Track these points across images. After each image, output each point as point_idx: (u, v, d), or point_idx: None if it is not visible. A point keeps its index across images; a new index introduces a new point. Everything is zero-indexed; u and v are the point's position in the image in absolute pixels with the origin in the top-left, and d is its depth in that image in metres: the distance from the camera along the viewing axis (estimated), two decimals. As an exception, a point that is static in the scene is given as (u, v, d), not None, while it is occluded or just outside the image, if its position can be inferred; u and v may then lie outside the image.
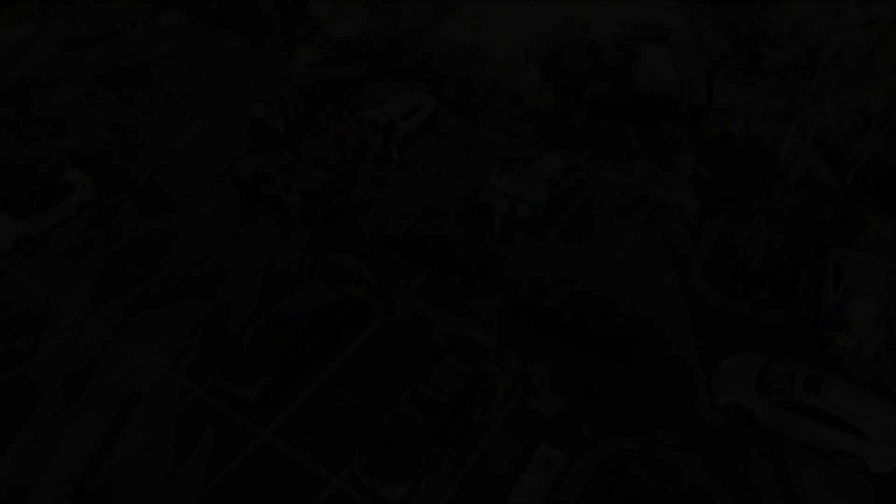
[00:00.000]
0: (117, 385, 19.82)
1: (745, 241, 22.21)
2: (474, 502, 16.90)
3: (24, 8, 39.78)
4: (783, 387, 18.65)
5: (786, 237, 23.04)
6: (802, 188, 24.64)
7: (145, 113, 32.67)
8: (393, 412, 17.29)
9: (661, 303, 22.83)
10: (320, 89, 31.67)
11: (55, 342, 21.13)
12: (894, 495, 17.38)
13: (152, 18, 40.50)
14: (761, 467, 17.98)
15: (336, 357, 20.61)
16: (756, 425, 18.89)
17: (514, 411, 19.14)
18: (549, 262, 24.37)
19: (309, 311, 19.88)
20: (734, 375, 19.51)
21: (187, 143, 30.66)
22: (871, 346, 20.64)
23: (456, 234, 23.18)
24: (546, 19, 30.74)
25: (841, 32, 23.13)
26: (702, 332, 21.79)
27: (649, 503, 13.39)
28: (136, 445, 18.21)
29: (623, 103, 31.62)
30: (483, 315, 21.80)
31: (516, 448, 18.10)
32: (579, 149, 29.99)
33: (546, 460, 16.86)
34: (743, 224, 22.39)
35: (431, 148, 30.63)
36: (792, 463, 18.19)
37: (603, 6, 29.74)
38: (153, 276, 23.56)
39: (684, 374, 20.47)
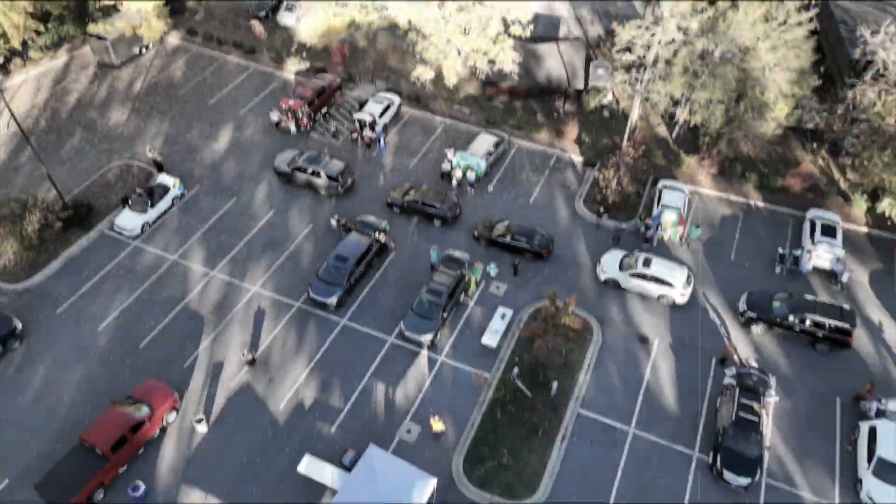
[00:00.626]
0: (247, 306, 33.22)
1: (604, 182, 37.27)
2: (464, 340, 31.70)
3: (47, 39, 48.54)
4: (632, 265, 33.98)
5: (631, 177, 38.24)
6: (641, 144, 39.71)
7: (185, 123, 44.20)
8: (418, 297, 31.66)
9: (561, 224, 37.79)
10: (316, 97, 44.06)
11: (196, 287, 34.10)
12: (684, 315, 33.22)
13: (160, 41, 50.71)
14: (619, 309, 33.52)
15: (373, 276, 34.61)
16: (619, 289, 34.30)
17: (481, 294, 33.88)
18: (492, 206, 38.78)
19: (356, 250, 33.61)
20: (608, 262, 34.68)
21: (226, 146, 42.73)
22: (675, 238, 36.41)
23: (434, 195, 37.17)
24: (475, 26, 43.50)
25: (654, 48, 37.72)
26: (587, 240, 36.94)
27: (552, 319, 28.27)
28: (271, 336, 31.89)
29: (529, 90, 45.67)
30: (457, 243, 36.15)
31: (484, 314, 32.91)
32: (502, 126, 44.03)
33: (502, 313, 31.77)
34: (602, 170, 37.42)
35: (401, 134, 43.97)
36: (635, 305, 33.76)
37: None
38: (241, 240, 36.50)
39: (580, 266, 35.63)
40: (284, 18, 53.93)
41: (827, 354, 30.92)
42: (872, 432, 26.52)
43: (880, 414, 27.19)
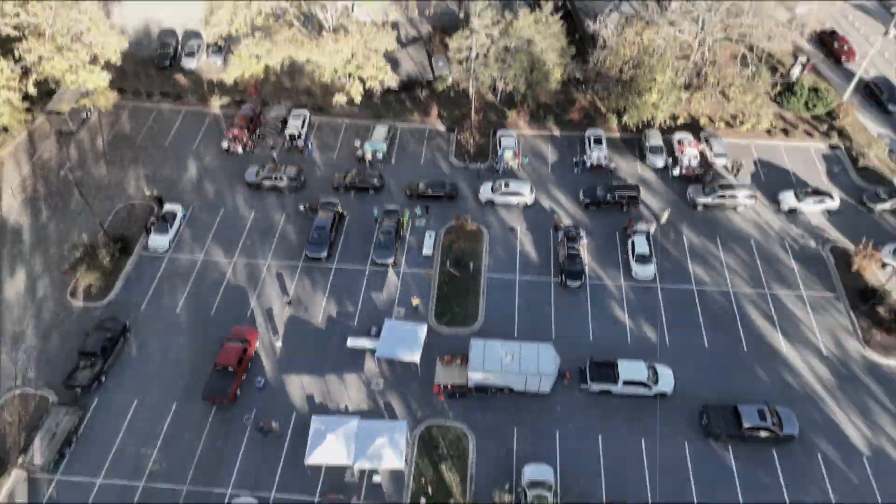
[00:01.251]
0: (269, 273, 50.83)
1: (463, 140, 58.40)
2: (411, 256, 51.95)
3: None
4: (499, 188, 55.59)
5: (479, 133, 59.67)
6: (480, 110, 61.07)
7: (155, 165, 58.70)
8: (377, 237, 51.25)
9: (444, 174, 58.53)
10: (249, 123, 60.34)
11: (228, 271, 50.94)
12: (531, 210, 55.71)
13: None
14: (494, 217, 55.28)
15: (342, 234, 53.43)
16: (493, 205, 55.93)
17: (413, 229, 54.07)
18: (398, 173, 58.50)
19: (327, 221, 52.15)
20: (484, 189, 55.93)
21: (195, 173, 58.21)
22: (514, 166, 58.68)
23: (363, 175, 56.26)
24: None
25: (474, 48, 58.61)
26: (466, 180, 58.06)
27: (460, 230, 49.07)
28: (293, 285, 50.00)
29: (399, 86, 65.01)
30: (388, 200, 55.71)
31: (418, 238, 53.22)
32: (386, 116, 63.29)
33: (430, 234, 52.31)
34: (460, 133, 58.53)
35: (318, 137, 61.85)
36: (503, 212, 55.72)
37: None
38: (243, 234, 53.39)
39: (465, 197, 56.74)
40: (187, 63, 68.13)
41: (630, 212, 54.98)
42: (632, 242, 51.04)
43: (635, 233, 51.75)
